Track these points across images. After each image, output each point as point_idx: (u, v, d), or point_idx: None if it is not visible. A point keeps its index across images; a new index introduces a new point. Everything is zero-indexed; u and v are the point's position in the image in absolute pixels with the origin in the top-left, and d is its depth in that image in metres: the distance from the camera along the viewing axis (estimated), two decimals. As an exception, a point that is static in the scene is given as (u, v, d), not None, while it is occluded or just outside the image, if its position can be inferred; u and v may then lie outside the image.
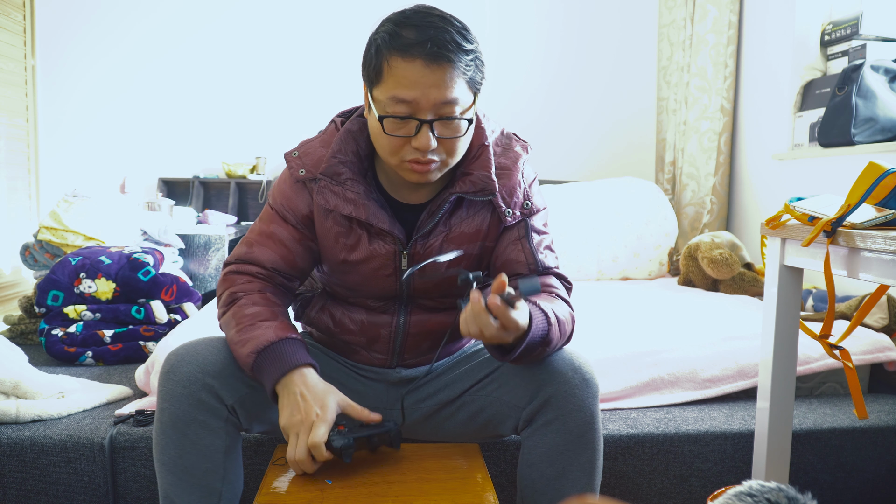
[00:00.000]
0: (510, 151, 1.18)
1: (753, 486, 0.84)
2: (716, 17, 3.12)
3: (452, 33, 0.99)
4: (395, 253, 1.13)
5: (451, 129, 1.03)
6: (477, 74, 1.04)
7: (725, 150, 3.16)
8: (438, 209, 1.12)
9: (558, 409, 1.05)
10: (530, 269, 1.15)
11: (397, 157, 1.04)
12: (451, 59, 0.98)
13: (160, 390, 1.04)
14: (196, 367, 1.03)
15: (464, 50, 1.00)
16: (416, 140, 1.01)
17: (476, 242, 1.16)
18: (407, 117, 1.00)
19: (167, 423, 1.02)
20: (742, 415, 1.56)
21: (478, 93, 1.06)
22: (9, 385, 1.49)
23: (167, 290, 2.10)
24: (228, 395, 1.05)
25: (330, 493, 0.99)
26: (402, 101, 0.99)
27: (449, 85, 0.99)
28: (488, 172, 1.12)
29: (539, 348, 1.02)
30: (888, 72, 2.26)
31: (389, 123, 1.01)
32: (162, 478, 1.03)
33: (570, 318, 1.10)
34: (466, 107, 1.03)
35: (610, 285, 2.73)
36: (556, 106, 3.72)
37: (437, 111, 1.00)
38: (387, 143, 1.03)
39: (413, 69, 0.98)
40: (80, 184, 3.07)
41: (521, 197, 1.16)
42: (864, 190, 1.09)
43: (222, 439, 1.04)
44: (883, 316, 1.90)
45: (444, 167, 1.07)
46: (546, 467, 1.06)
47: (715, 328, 1.84)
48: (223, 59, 3.61)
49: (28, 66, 3.46)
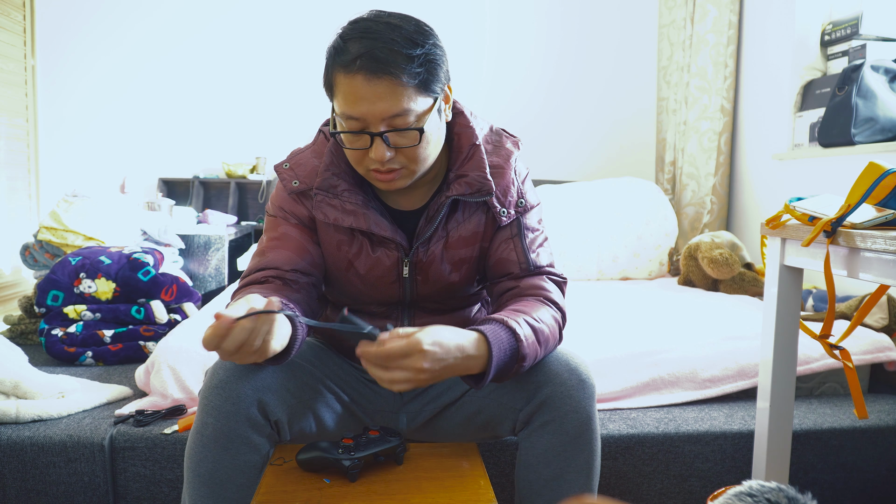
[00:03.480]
0: (501, 149, 1.16)
1: (753, 486, 0.84)
2: (716, 17, 3.12)
3: (397, 41, 0.96)
4: (399, 260, 1.13)
5: (406, 139, 1.00)
6: (431, 77, 1.00)
7: (725, 150, 3.16)
8: (436, 214, 1.11)
9: (555, 411, 1.04)
10: (522, 269, 1.13)
11: (362, 167, 1.04)
12: (392, 72, 0.95)
13: (206, 404, 1.01)
14: (247, 384, 1.01)
15: (409, 57, 0.96)
16: (371, 152, 1.00)
17: (475, 245, 1.15)
18: (359, 132, 0.99)
19: (209, 437, 0.99)
20: (742, 415, 1.56)
21: (439, 95, 1.03)
22: (9, 385, 1.49)
23: (167, 290, 2.10)
24: (277, 410, 1.03)
25: (328, 493, 0.99)
26: (351, 118, 0.98)
27: (395, 97, 0.96)
28: (484, 173, 1.10)
29: (515, 364, 1.00)
30: (888, 72, 2.26)
31: (345, 138, 1.02)
32: (194, 489, 1.01)
33: (554, 322, 1.08)
34: (421, 112, 1.00)
35: (610, 285, 2.73)
36: (556, 106, 3.72)
37: (389, 123, 0.98)
38: (350, 154, 1.04)
39: (355, 85, 0.96)
40: (80, 184, 3.07)
41: (515, 195, 1.14)
42: (864, 190, 1.09)
43: (260, 455, 1.02)
44: (883, 316, 1.90)
45: (411, 174, 1.05)
46: (543, 468, 1.06)
47: (715, 328, 1.84)
48: (223, 60, 3.61)
49: (28, 66, 3.46)
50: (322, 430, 1.14)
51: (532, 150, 3.46)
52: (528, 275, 1.13)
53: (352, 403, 1.18)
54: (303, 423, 1.10)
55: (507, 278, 1.15)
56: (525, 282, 1.13)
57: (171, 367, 1.54)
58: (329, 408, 1.14)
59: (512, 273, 1.14)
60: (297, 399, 1.08)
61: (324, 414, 1.13)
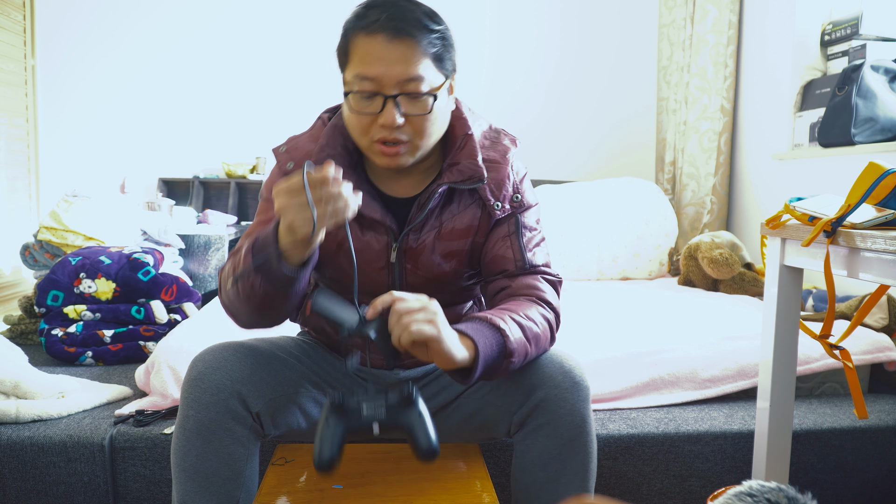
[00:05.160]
0: (499, 145, 1.17)
1: (753, 486, 0.84)
2: (716, 17, 3.12)
3: (417, 13, 1.01)
4: (388, 245, 1.13)
5: (417, 107, 1.02)
6: (445, 55, 1.04)
7: (725, 150, 3.17)
8: (428, 201, 1.11)
9: (549, 413, 1.04)
10: (517, 266, 1.13)
11: (367, 138, 1.04)
12: (414, 35, 0.99)
13: (186, 397, 1.02)
14: (225, 375, 1.03)
15: (428, 28, 1.01)
16: (381, 116, 1.01)
17: (467, 238, 1.15)
18: (372, 94, 1.00)
19: (192, 430, 1.01)
20: (742, 415, 1.56)
21: (449, 77, 1.06)
22: (9, 385, 1.49)
23: (167, 290, 2.10)
24: (256, 402, 1.04)
25: (329, 493, 0.99)
26: (366, 79, 1.00)
27: (412, 60, 0.99)
28: (475, 160, 1.11)
29: (504, 361, 0.99)
30: (888, 72, 2.26)
31: (355, 99, 1.02)
32: (181, 484, 1.02)
33: (544, 321, 1.07)
34: (434, 86, 1.02)
35: (610, 285, 2.73)
36: (556, 106, 3.72)
37: (402, 87, 1.00)
38: (356, 122, 1.04)
39: (375, 44, 0.99)
40: (80, 184, 3.07)
41: (510, 190, 1.14)
42: (864, 190, 1.09)
43: (245, 447, 1.03)
44: (883, 316, 1.90)
45: (415, 150, 1.06)
46: (539, 471, 1.05)
47: (715, 328, 1.84)
48: (223, 60, 3.61)
49: (28, 66, 3.46)
50: (314, 427, 1.15)
51: (532, 150, 3.46)
52: (522, 273, 1.13)
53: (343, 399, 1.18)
54: (289, 419, 1.11)
55: (501, 276, 1.14)
56: (519, 281, 1.12)
57: (171, 367, 1.54)
58: (317, 403, 1.15)
59: (507, 270, 1.13)
60: (279, 393, 1.08)
61: (312, 409, 1.14)
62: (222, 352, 1.07)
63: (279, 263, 0.94)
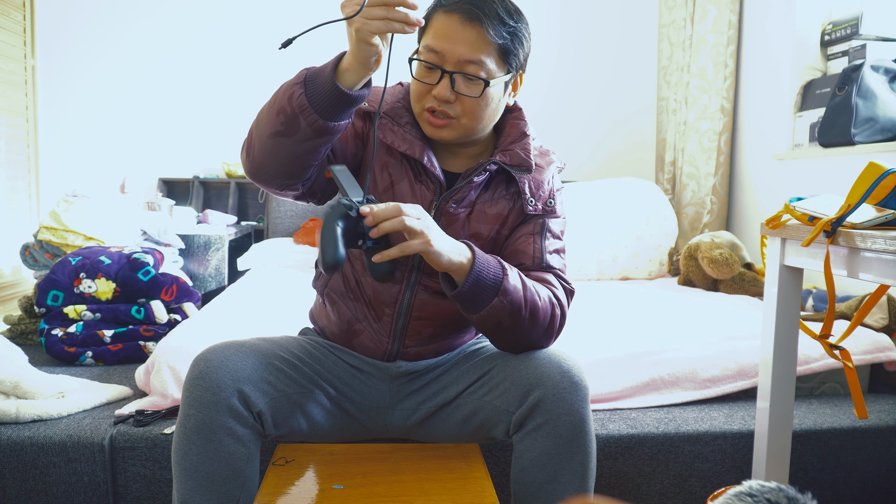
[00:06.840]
0: (546, 157, 1.26)
1: (753, 486, 0.84)
2: (716, 17, 3.12)
3: (496, 6, 1.08)
4: (430, 203, 1.17)
5: (470, 88, 1.09)
6: (512, 50, 1.10)
7: (725, 150, 3.17)
8: (472, 174, 1.16)
9: (548, 414, 1.04)
10: (535, 263, 1.17)
11: (420, 105, 1.12)
12: (483, 22, 1.06)
13: (187, 396, 1.03)
14: (227, 374, 1.03)
15: (501, 20, 1.07)
16: (436, 88, 1.09)
17: (494, 226, 1.19)
18: (433, 66, 1.08)
19: (192, 429, 1.01)
20: (742, 415, 1.56)
21: (512, 72, 1.12)
22: (9, 385, 1.49)
23: (167, 290, 2.10)
24: (257, 401, 1.05)
25: (330, 493, 0.99)
26: (432, 51, 1.08)
27: (477, 45, 1.07)
28: (528, 153, 1.19)
29: (495, 296, 1.03)
30: (888, 72, 2.26)
31: (419, 67, 1.11)
32: (181, 483, 1.02)
33: (548, 301, 1.10)
34: (493, 75, 1.09)
35: (610, 285, 2.73)
36: (556, 106, 3.72)
37: (461, 67, 1.07)
38: (415, 88, 1.12)
39: (449, 22, 1.07)
40: (80, 184, 3.07)
41: (546, 193, 1.21)
42: (864, 190, 1.09)
43: (246, 447, 1.03)
44: (883, 316, 1.90)
45: (460, 128, 1.12)
46: (538, 471, 1.06)
47: (715, 328, 1.84)
48: (223, 60, 3.61)
49: (28, 66, 3.46)
50: (314, 428, 1.15)
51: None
52: (538, 269, 1.17)
53: (343, 399, 1.18)
54: (290, 421, 1.12)
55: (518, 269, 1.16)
56: (533, 275, 1.16)
57: (171, 367, 1.54)
58: (318, 404, 1.15)
59: (524, 264, 1.17)
60: (280, 392, 1.09)
61: (313, 410, 1.14)
62: (224, 351, 1.07)
63: (332, 73, 0.99)
